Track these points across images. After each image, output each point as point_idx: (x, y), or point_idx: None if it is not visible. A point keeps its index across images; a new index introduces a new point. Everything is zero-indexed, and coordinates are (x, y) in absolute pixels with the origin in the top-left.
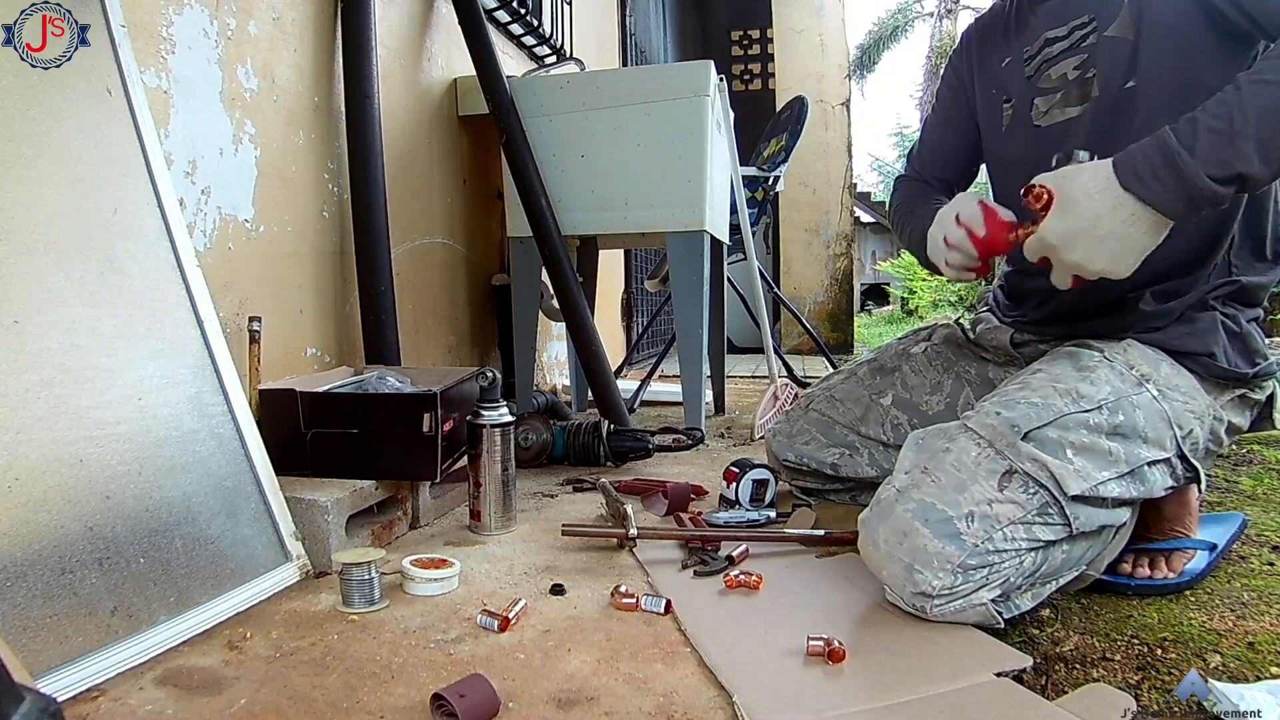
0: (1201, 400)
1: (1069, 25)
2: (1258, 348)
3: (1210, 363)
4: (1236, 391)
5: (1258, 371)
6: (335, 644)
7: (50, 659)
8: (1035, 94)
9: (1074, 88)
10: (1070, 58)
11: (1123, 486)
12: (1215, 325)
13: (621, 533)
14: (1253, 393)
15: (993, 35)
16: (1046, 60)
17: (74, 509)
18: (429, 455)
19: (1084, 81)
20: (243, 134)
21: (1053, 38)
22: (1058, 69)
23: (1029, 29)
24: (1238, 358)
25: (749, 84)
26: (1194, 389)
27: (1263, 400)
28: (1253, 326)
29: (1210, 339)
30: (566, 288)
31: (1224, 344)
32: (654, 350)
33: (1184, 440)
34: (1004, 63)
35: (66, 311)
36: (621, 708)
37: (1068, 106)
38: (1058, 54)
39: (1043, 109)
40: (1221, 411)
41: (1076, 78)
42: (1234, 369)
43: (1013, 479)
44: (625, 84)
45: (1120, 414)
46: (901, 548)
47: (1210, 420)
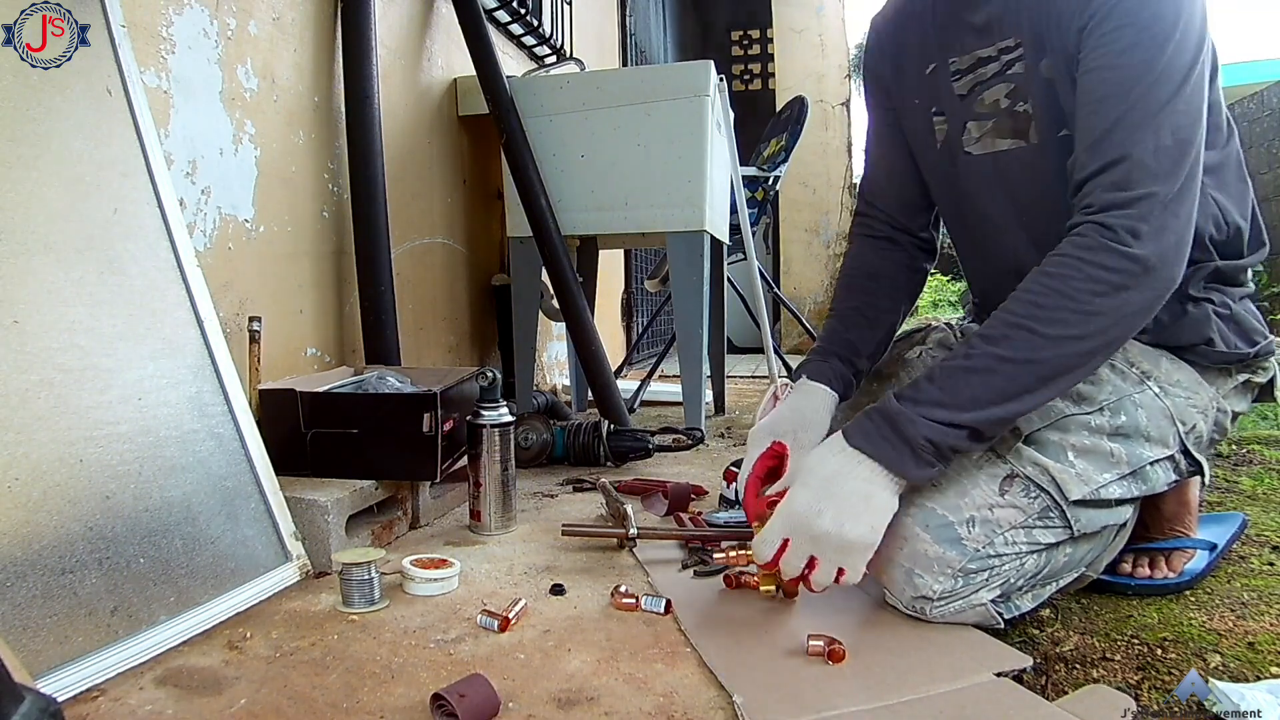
0: (1204, 393)
1: (997, 47)
2: (1254, 326)
3: (1209, 350)
4: (1240, 377)
5: (1258, 350)
6: (335, 644)
7: (50, 659)
8: (969, 116)
9: (1005, 119)
10: (1000, 83)
11: (1124, 487)
12: (1207, 314)
13: (621, 533)
14: (1256, 376)
15: (910, 36)
16: (980, 82)
17: (74, 509)
18: (429, 455)
19: (1015, 115)
20: (243, 134)
21: (985, 57)
22: (990, 93)
23: (955, 39)
24: (1236, 339)
25: (749, 84)
26: (1196, 382)
27: (1265, 383)
28: (1245, 305)
29: (1205, 327)
30: (566, 288)
31: (1219, 329)
32: (654, 350)
33: (1187, 436)
34: (929, 69)
35: (66, 311)
36: (621, 708)
37: (999, 138)
38: (990, 76)
39: (975, 135)
40: (1225, 402)
41: (1008, 108)
42: (1234, 350)
43: (1014, 483)
44: (625, 84)
45: (1122, 414)
46: (902, 553)
47: (1214, 412)
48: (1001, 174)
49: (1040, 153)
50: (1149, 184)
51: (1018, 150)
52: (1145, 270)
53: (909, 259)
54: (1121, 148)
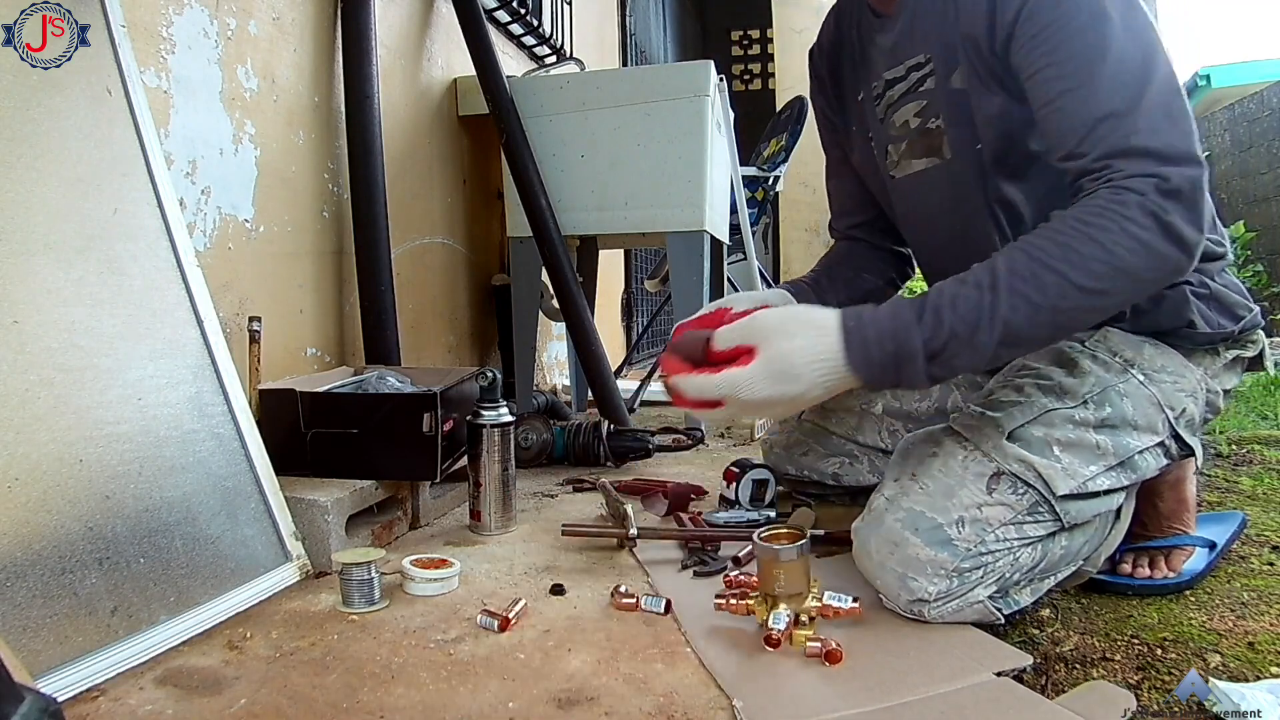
0: (1192, 376)
1: (905, 66)
2: (1236, 300)
3: (1192, 332)
4: (1228, 355)
5: (1244, 325)
6: (335, 644)
7: (50, 659)
8: (887, 139)
9: (917, 137)
10: (910, 102)
11: (1113, 477)
12: (1185, 296)
13: (621, 533)
14: (1244, 350)
15: (842, 65)
16: (890, 104)
17: (74, 509)
18: (429, 455)
19: (928, 132)
20: (243, 134)
21: (892, 79)
22: (900, 114)
23: (870, 64)
24: (1220, 317)
25: (749, 84)
26: (1182, 365)
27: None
28: (1225, 279)
29: (1184, 309)
30: (566, 288)
31: (1199, 310)
32: (654, 350)
33: (1177, 420)
34: (859, 97)
35: (66, 311)
36: (621, 708)
37: (913, 159)
38: (898, 97)
39: (895, 158)
40: (1214, 382)
41: (919, 126)
42: (1219, 330)
43: (1000, 480)
44: (625, 84)
45: (1107, 405)
46: (893, 558)
47: (1204, 393)
48: (923, 195)
49: (952, 168)
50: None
51: (932, 169)
52: (1179, 242)
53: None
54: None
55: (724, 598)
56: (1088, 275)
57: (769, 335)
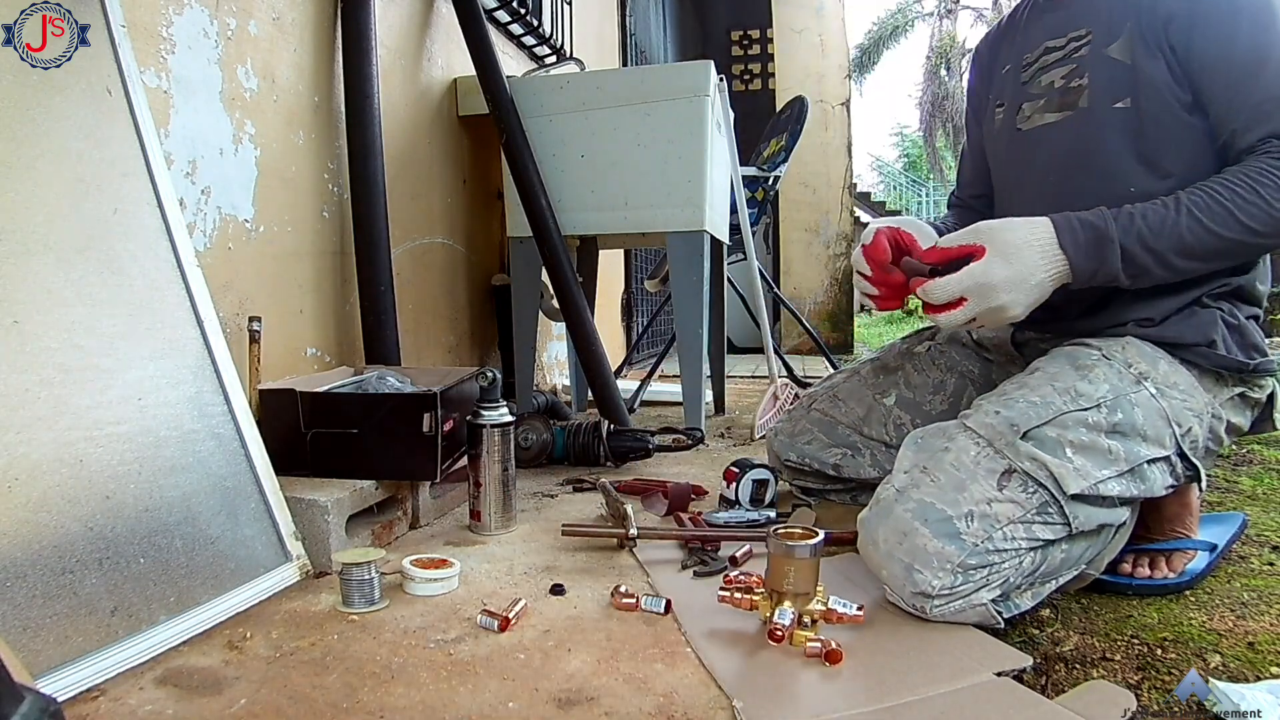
0: (1200, 398)
1: (1067, 36)
2: (1256, 342)
3: (1209, 352)
4: (1236, 389)
5: (1257, 366)
6: (335, 644)
7: (50, 659)
8: (1024, 99)
9: (1057, 95)
10: (1061, 67)
11: (1123, 485)
12: (1214, 319)
13: (621, 533)
14: (1252, 391)
15: (999, 45)
16: (1042, 68)
17: (74, 509)
18: (429, 455)
19: (1068, 90)
20: (243, 134)
21: (1052, 47)
22: (1048, 76)
23: (1031, 37)
24: (1236, 349)
25: (749, 84)
26: (1192, 386)
27: (1263, 400)
28: (1251, 324)
29: (1209, 329)
30: (566, 288)
31: (1223, 334)
32: (654, 350)
33: (1183, 438)
34: (1005, 69)
35: (66, 311)
36: (621, 708)
37: (1048, 113)
38: (1052, 63)
39: (1027, 114)
40: (1220, 410)
41: (1062, 86)
42: (1233, 358)
43: (1012, 478)
44: (625, 84)
45: (1119, 412)
46: (901, 548)
47: (1209, 418)
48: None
49: (1085, 118)
50: None
51: (1063, 121)
52: None
53: None
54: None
55: (728, 590)
56: (1249, 215)
57: (991, 231)
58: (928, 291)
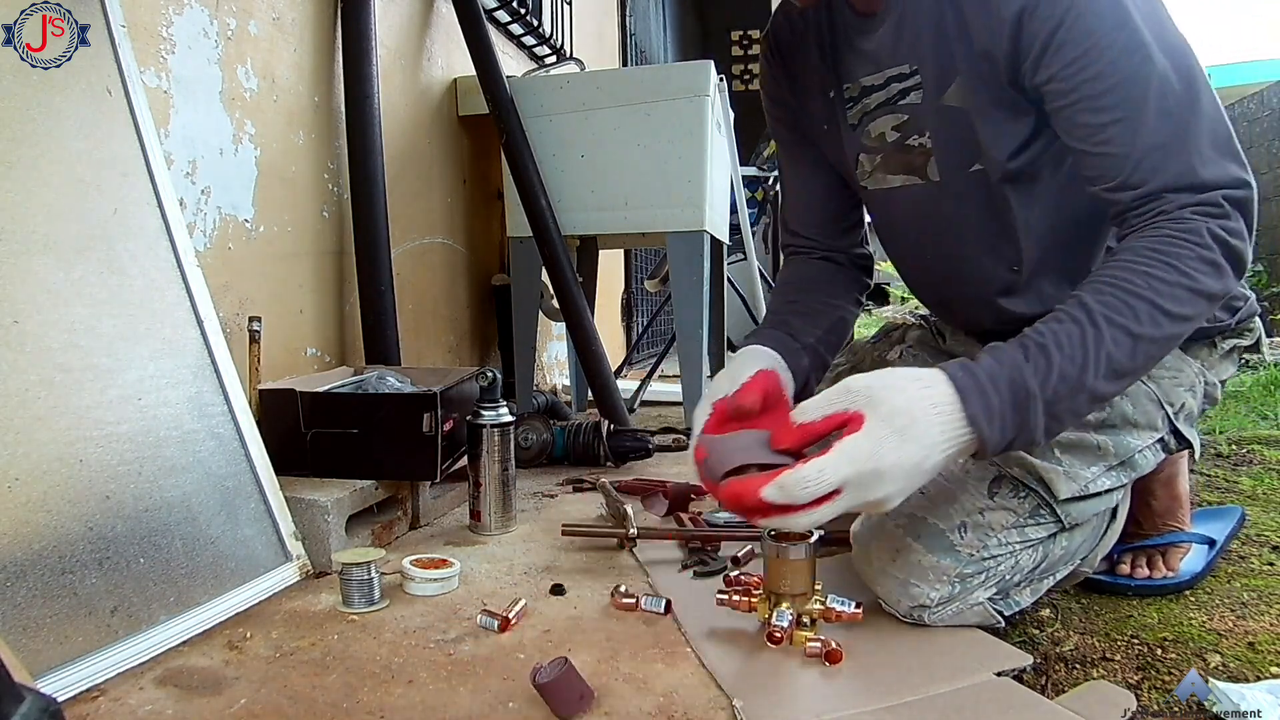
0: (1189, 370)
1: (885, 75)
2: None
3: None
4: (1225, 345)
5: (1240, 316)
6: (335, 644)
7: (50, 659)
8: (859, 149)
9: (895, 152)
10: (887, 115)
11: (1113, 477)
12: None
13: (621, 533)
14: (1242, 339)
15: (804, 55)
16: (866, 112)
17: (74, 509)
18: (429, 455)
19: (908, 149)
20: (243, 134)
21: (869, 85)
22: (875, 126)
23: (845, 62)
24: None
25: (749, 84)
26: (1180, 360)
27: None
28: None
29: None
30: (566, 288)
31: None
32: (654, 350)
33: (1176, 415)
34: (829, 94)
35: (66, 311)
36: (621, 708)
37: (889, 174)
38: (874, 107)
39: (867, 168)
40: (1210, 374)
41: (896, 141)
42: (1216, 324)
43: (1002, 485)
44: (625, 84)
45: (1107, 407)
46: (895, 564)
47: (1202, 385)
48: (902, 212)
49: (941, 191)
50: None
51: (911, 188)
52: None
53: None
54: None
55: (727, 593)
56: (1174, 301)
57: (872, 393)
58: (784, 489)
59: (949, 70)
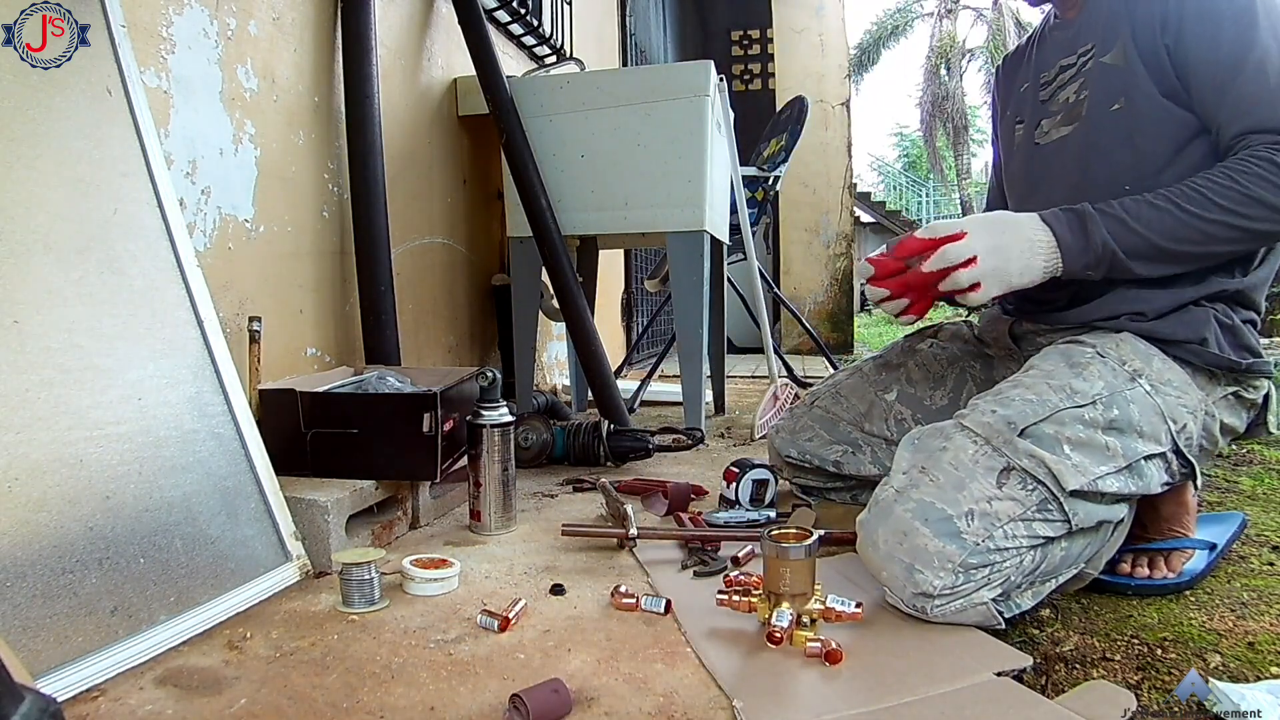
0: (1194, 395)
1: (1077, 53)
2: (1249, 343)
3: (1202, 349)
4: (1229, 389)
5: (1250, 366)
6: (335, 644)
7: (50, 659)
8: (1044, 115)
9: (1069, 109)
10: (1073, 82)
11: (1121, 481)
12: (1207, 317)
13: (621, 533)
14: (1246, 392)
15: (1016, 65)
16: (1060, 85)
17: (74, 509)
18: (429, 455)
19: (1076, 103)
20: (243, 134)
21: (1066, 64)
22: (1063, 92)
23: (1046, 56)
24: (1229, 349)
25: (749, 84)
26: (1186, 383)
27: (1258, 401)
28: (1246, 327)
29: (1202, 327)
30: (566, 288)
31: (1215, 333)
32: (654, 350)
33: (1179, 435)
34: (1023, 88)
35: (66, 311)
36: (621, 708)
37: (1062, 126)
38: (1068, 80)
39: (1046, 129)
40: (1214, 408)
41: (1073, 100)
42: (1225, 357)
43: (1011, 475)
44: (625, 84)
45: (1115, 408)
46: (901, 548)
47: (1203, 415)
48: (1058, 158)
49: (1086, 126)
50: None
51: (1072, 132)
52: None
53: None
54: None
55: (726, 594)
56: (1224, 198)
57: (968, 218)
58: (945, 253)
59: (1111, 38)
